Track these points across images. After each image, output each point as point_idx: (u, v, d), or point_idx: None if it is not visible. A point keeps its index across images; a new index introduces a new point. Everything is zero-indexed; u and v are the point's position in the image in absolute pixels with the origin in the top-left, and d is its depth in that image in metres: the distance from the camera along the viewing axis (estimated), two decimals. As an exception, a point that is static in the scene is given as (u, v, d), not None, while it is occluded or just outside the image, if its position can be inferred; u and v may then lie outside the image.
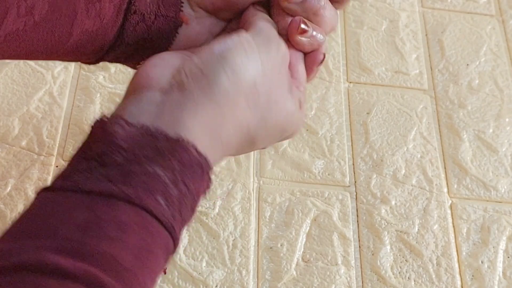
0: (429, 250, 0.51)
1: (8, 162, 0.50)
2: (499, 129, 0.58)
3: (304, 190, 0.52)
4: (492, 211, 0.53)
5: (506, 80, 0.62)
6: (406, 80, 0.61)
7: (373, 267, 0.49)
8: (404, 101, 0.59)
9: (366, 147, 0.56)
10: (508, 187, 0.55)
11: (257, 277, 0.48)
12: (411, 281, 0.49)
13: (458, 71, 0.62)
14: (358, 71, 0.61)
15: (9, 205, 0.48)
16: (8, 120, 0.53)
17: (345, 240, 0.50)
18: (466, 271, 0.50)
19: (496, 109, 0.60)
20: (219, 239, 0.49)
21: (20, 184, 0.50)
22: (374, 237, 0.51)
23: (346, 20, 0.64)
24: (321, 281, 0.48)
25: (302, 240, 0.50)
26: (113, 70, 0.57)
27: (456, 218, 0.53)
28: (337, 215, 0.52)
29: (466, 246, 0.51)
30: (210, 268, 0.48)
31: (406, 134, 0.57)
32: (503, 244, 0.52)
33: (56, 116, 0.54)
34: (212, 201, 0.50)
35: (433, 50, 0.63)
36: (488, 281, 0.50)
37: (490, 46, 0.64)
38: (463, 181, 0.55)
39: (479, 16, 0.67)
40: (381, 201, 0.53)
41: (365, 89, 0.60)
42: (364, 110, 0.58)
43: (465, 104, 0.60)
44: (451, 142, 0.57)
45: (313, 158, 0.54)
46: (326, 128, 0.56)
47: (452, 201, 0.54)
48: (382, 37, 0.63)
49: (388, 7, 0.66)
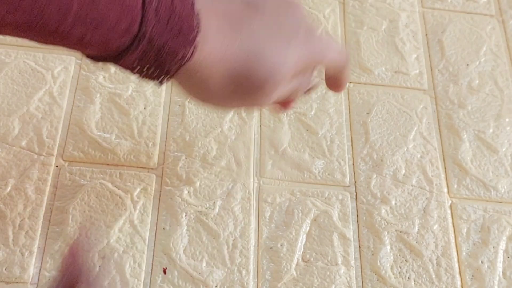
0: (429, 250, 0.51)
1: (8, 162, 0.51)
2: (499, 129, 0.58)
3: (304, 190, 0.52)
4: (492, 211, 0.53)
5: (506, 80, 0.62)
6: (406, 80, 0.61)
7: (373, 267, 0.49)
8: (404, 101, 0.59)
9: (366, 147, 0.56)
10: (508, 187, 0.55)
11: (257, 277, 0.48)
12: (411, 281, 0.49)
13: (458, 71, 0.62)
14: (358, 71, 0.61)
15: (9, 205, 0.48)
16: (8, 120, 0.53)
17: (345, 240, 0.50)
18: (466, 271, 0.50)
19: (496, 109, 0.60)
20: (219, 239, 0.49)
21: (20, 184, 0.50)
22: (374, 237, 0.51)
23: (346, 20, 0.64)
24: (321, 281, 0.48)
25: (302, 240, 0.50)
26: (113, 70, 0.57)
27: (456, 218, 0.53)
28: (337, 215, 0.52)
29: (466, 246, 0.51)
30: (210, 268, 0.48)
31: (406, 134, 0.57)
32: (503, 244, 0.52)
33: (56, 116, 0.54)
34: (212, 201, 0.50)
35: (433, 50, 0.63)
36: (488, 281, 0.50)
37: (490, 46, 0.64)
38: (463, 181, 0.55)
39: (479, 16, 0.67)
40: (381, 201, 0.53)
41: (365, 89, 0.60)
42: (364, 110, 0.58)
43: (465, 104, 0.60)
44: (451, 142, 0.57)
45: (313, 158, 0.54)
46: (326, 128, 0.56)
47: (452, 201, 0.54)
48: (382, 37, 0.63)
49: (388, 7, 0.66)
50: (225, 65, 0.35)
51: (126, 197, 0.50)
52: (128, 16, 0.31)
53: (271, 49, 0.35)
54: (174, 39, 0.33)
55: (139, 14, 0.32)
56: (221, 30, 0.35)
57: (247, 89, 0.36)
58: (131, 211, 0.49)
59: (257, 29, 0.35)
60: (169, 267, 0.47)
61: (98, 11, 0.30)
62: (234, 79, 0.35)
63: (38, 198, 0.49)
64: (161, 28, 0.32)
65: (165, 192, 0.51)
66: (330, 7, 0.65)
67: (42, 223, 0.48)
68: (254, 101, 0.37)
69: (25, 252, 0.47)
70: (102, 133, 0.53)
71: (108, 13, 0.31)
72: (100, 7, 0.30)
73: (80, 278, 0.37)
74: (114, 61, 0.34)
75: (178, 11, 0.33)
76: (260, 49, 0.35)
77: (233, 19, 0.35)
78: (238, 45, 0.35)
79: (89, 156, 0.52)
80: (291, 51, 0.36)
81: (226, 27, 0.35)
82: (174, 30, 0.33)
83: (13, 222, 0.48)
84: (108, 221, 0.49)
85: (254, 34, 0.35)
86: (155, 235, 0.49)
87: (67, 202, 0.49)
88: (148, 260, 0.48)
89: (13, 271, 0.46)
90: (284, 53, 0.36)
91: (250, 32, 0.35)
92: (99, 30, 0.31)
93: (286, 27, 0.36)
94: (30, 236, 0.47)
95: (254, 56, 0.35)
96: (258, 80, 0.36)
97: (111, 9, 0.31)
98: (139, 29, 0.32)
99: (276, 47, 0.36)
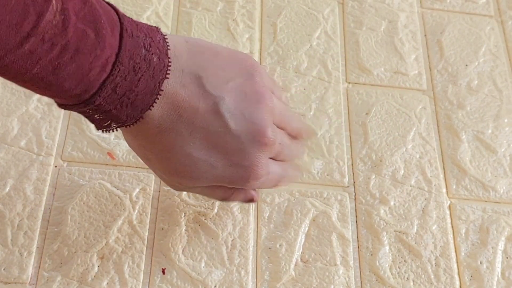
0: (428, 251, 0.51)
1: (7, 162, 0.50)
2: (498, 130, 0.58)
3: (303, 190, 0.52)
4: (491, 212, 0.53)
5: (505, 80, 0.62)
6: (405, 81, 0.61)
7: (372, 267, 0.49)
8: (403, 101, 0.59)
9: (365, 147, 0.56)
10: (506, 188, 0.55)
11: (256, 278, 0.48)
12: (410, 281, 0.49)
13: (457, 72, 0.62)
14: (357, 72, 0.61)
15: (8, 205, 0.48)
16: (7, 120, 0.53)
17: (344, 241, 0.50)
18: (465, 271, 0.50)
19: (495, 109, 0.60)
20: (218, 240, 0.49)
21: (19, 184, 0.50)
22: (373, 238, 0.51)
23: (345, 20, 0.64)
24: (320, 282, 0.48)
25: (301, 240, 0.50)
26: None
27: (455, 218, 0.53)
28: (336, 216, 0.52)
29: (465, 247, 0.51)
30: (209, 268, 0.48)
31: (405, 134, 0.57)
32: (501, 245, 0.52)
33: (55, 116, 0.54)
34: (211, 201, 0.50)
35: (432, 50, 0.63)
36: (487, 282, 0.50)
37: (489, 47, 0.64)
38: (462, 182, 0.55)
39: (478, 16, 0.67)
40: (380, 201, 0.53)
41: (364, 90, 0.60)
42: (363, 111, 0.58)
43: (464, 105, 0.60)
44: (450, 143, 0.57)
45: (312, 159, 0.54)
46: (325, 129, 0.56)
47: (451, 201, 0.54)
48: (381, 37, 0.63)
49: (387, 7, 0.66)
50: (160, 141, 0.37)
51: (125, 197, 0.50)
52: (83, 87, 0.33)
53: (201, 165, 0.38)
54: (120, 109, 0.35)
55: (96, 87, 0.33)
56: (170, 116, 0.36)
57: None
58: (130, 211, 0.49)
59: (195, 143, 0.37)
60: (168, 268, 0.47)
61: (55, 78, 0.32)
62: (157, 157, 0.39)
63: (37, 198, 0.49)
64: (111, 100, 0.34)
65: (164, 192, 0.51)
66: (329, 7, 0.65)
67: (41, 223, 0.48)
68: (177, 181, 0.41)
69: (24, 252, 0.47)
70: (101, 133, 0.53)
71: (64, 82, 0.32)
72: (60, 75, 0.32)
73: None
74: (62, 107, 0.36)
75: (140, 89, 0.34)
76: (186, 161, 0.38)
77: (189, 117, 0.37)
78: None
79: (88, 156, 0.52)
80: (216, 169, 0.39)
81: (176, 114, 0.37)
82: (124, 103, 0.34)
83: (11, 222, 0.48)
84: (107, 221, 0.49)
85: (189, 144, 0.37)
86: (154, 235, 0.49)
87: (66, 202, 0.49)
88: (147, 261, 0.48)
89: (12, 271, 0.46)
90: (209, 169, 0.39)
91: (190, 142, 0.37)
92: (52, 92, 0.33)
93: (226, 144, 0.38)
94: (29, 236, 0.47)
95: (178, 163, 0.38)
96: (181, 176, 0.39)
97: (70, 79, 0.32)
98: (90, 97, 0.34)
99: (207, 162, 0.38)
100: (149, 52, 0.34)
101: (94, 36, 0.32)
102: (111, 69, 0.33)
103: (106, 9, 0.34)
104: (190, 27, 0.61)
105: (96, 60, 0.32)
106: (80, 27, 0.31)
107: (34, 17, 0.29)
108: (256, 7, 0.64)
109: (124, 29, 0.34)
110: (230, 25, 0.62)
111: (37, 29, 0.30)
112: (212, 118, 0.36)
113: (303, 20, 0.64)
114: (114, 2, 0.61)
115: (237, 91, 0.37)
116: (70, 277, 0.46)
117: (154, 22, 0.60)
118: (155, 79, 0.35)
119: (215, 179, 0.39)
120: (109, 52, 0.33)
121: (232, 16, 0.62)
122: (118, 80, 0.33)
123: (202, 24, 0.61)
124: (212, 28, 0.61)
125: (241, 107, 0.37)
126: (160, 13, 0.61)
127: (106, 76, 0.33)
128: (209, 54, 0.38)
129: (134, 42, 0.34)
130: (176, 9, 0.62)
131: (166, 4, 0.62)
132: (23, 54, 0.30)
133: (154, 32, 0.36)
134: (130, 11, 0.61)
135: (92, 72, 0.32)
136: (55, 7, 0.30)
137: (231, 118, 0.36)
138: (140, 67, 0.34)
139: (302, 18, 0.64)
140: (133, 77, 0.34)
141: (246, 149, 0.38)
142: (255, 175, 0.39)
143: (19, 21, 0.29)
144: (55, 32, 0.30)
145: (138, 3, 0.62)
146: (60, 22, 0.30)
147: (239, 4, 0.63)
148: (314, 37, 0.62)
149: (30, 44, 0.30)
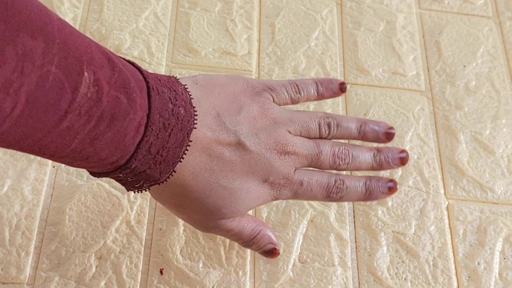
0: (425, 251, 0.51)
1: (5, 163, 0.50)
2: (496, 131, 0.59)
3: (301, 191, 0.52)
4: (489, 213, 0.54)
5: (503, 81, 0.62)
6: (403, 82, 0.61)
7: (369, 268, 0.50)
8: (401, 102, 0.59)
9: (363, 148, 0.56)
10: (504, 189, 0.55)
11: (253, 278, 0.48)
12: (408, 282, 0.49)
13: (455, 73, 0.62)
14: (355, 72, 0.61)
15: (6, 205, 0.48)
16: (5, 120, 0.53)
17: (341, 241, 0.50)
18: (463, 272, 0.50)
19: (493, 110, 0.60)
20: (215, 240, 0.49)
21: (17, 184, 0.50)
22: (371, 238, 0.51)
23: (344, 21, 0.65)
24: (318, 282, 0.48)
25: (299, 241, 0.50)
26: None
27: (452, 219, 0.53)
28: (334, 216, 0.52)
29: (463, 247, 0.52)
30: (207, 268, 0.48)
31: (403, 135, 0.57)
32: (499, 246, 0.52)
33: (53, 117, 0.54)
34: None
35: (430, 51, 0.64)
36: (485, 282, 0.50)
37: (487, 48, 0.64)
38: (460, 183, 0.55)
39: (476, 17, 0.67)
40: (377, 202, 0.53)
41: (362, 90, 0.60)
42: (361, 111, 0.58)
43: (462, 106, 0.60)
44: (448, 144, 0.57)
45: (310, 159, 0.54)
46: (323, 129, 0.56)
47: (448, 202, 0.54)
48: (379, 38, 0.63)
49: (386, 8, 0.66)
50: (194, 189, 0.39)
51: (123, 198, 0.50)
52: (119, 153, 0.33)
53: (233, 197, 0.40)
54: (154, 168, 0.35)
55: (131, 151, 0.34)
56: (201, 159, 0.38)
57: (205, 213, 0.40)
58: (128, 211, 0.49)
59: (225, 180, 0.39)
60: (166, 268, 0.47)
61: (93, 149, 0.32)
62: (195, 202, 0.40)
63: (35, 198, 0.49)
64: (146, 160, 0.35)
65: (162, 192, 0.51)
66: (327, 8, 0.65)
67: (38, 223, 0.48)
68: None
69: (22, 252, 0.47)
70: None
71: (102, 151, 0.32)
72: (97, 146, 0.32)
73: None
74: (95, 175, 0.37)
75: (170, 144, 0.35)
76: (221, 195, 0.39)
77: (218, 163, 0.38)
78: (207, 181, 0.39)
79: (86, 156, 0.52)
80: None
81: (208, 163, 0.38)
82: (158, 161, 0.35)
83: (9, 222, 0.48)
84: (104, 222, 0.49)
85: (224, 178, 0.39)
86: (152, 236, 0.49)
87: (63, 203, 0.49)
88: (145, 261, 0.48)
89: (10, 272, 0.46)
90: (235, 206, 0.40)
91: (222, 179, 0.39)
92: (88, 163, 0.33)
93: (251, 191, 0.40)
94: (27, 236, 0.47)
95: (217, 195, 0.39)
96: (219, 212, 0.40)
97: (107, 147, 0.32)
98: (126, 162, 0.34)
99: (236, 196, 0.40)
100: (176, 105, 0.35)
101: (127, 101, 0.32)
102: (144, 130, 0.33)
103: (132, 71, 0.34)
104: (188, 27, 0.61)
105: (130, 124, 0.32)
106: (113, 95, 0.31)
107: (69, 94, 0.29)
108: (254, 8, 0.64)
109: (151, 88, 0.34)
110: (228, 25, 0.62)
111: (74, 105, 0.29)
112: (237, 149, 0.39)
113: (302, 20, 0.64)
114: (112, 3, 0.61)
115: (248, 118, 0.40)
116: (68, 277, 0.46)
117: (152, 22, 0.60)
118: (183, 131, 0.36)
119: (255, 200, 0.41)
120: (140, 114, 0.33)
121: (231, 16, 0.62)
122: (152, 140, 0.34)
123: (201, 24, 0.61)
124: (211, 29, 0.61)
125: (256, 130, 0.40)
126: (158, 13, 0.61)
127: (140, 138, 0.33)
128: (217, 89, 0.40)
129: (161, 98, 0.34)
130: (174, 10, 0.62)
131: (164, 5, 0.62)
132: (61, 131, 0.30)
133: (175, 84, 0.37)
134: (129, 11, 0.61)
135: (127, 136, 0.33)
136: (87, 79, 0.30)
137: (251, 143, 0.39)
138: (169, 123, 0.35)
139: (301, 18, 0.64)
140: (164, 134, 0.35)
141: (271, 162, 0.40)
142: (291, 182, 0.41)
143: (56, 100, 0.29)
144: (90, 104, 0.30)
145: (137, 3, 0.62)
146: (95, 93, 0.30)
147: (237, 5, 0.63)
148: (313, 38, 0.62)
149: (68, 120, 0.30)
